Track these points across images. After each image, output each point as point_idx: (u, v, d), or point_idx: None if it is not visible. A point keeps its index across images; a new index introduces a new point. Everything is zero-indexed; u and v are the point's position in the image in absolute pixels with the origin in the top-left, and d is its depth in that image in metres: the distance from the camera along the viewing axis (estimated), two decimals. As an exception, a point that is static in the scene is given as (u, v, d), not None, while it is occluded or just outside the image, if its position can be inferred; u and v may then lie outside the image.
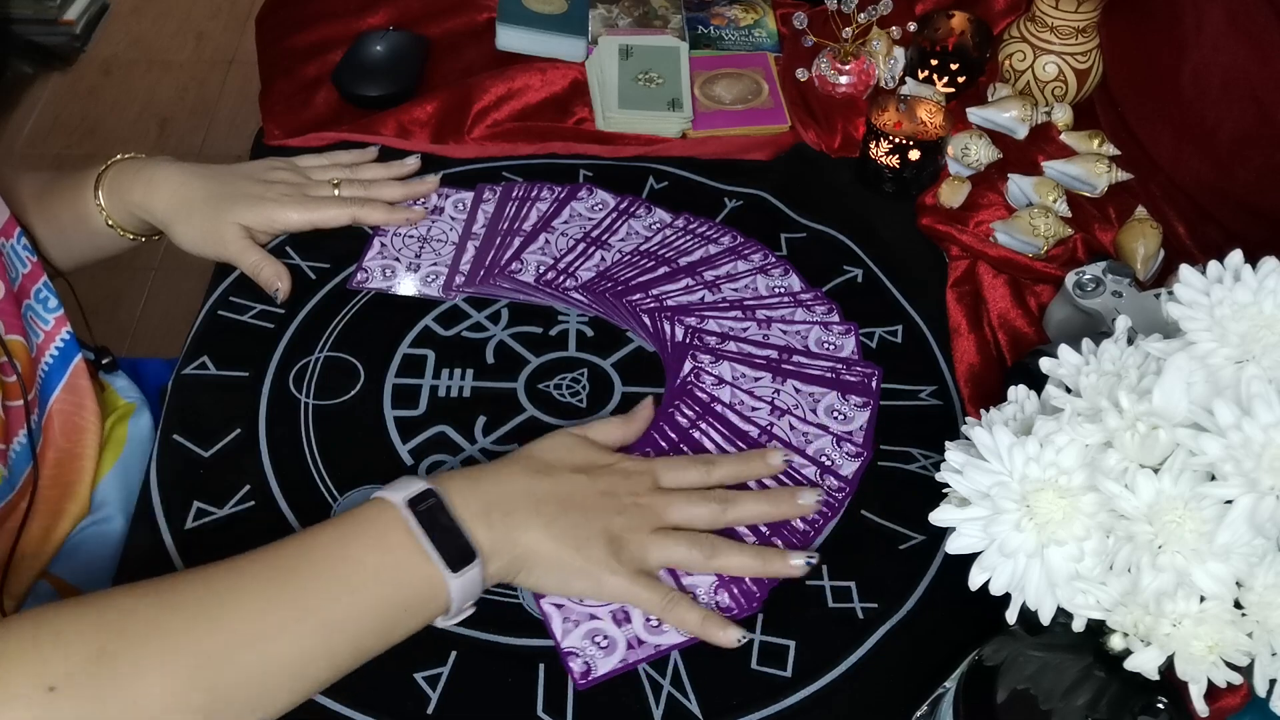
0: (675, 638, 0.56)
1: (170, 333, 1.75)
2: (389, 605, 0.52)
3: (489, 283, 0.74)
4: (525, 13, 0.92)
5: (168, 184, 0.73)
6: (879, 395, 0.68)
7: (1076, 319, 0.70)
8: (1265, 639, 0.40)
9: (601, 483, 0.59)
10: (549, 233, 0.78)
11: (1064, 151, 0.84)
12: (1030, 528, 0.42)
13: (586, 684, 0.55)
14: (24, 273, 0.68)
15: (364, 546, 0.52)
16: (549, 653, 0.56)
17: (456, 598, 0.53)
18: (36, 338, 0.68)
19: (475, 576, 0.53)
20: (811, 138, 0.87)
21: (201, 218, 0.73)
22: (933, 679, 0.54)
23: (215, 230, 0.73)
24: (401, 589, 0.52)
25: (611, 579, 0.56)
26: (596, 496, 0.58)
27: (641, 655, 0.56)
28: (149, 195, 0.73)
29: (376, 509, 0.54)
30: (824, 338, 0.71)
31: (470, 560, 0.53)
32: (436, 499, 0.54)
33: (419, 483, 0.54)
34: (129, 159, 0.75)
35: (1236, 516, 0.39)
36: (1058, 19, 0.84)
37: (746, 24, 0.97)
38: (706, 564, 0.58)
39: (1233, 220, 0.76)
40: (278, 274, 0.73)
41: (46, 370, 0.68)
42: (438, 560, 0.52)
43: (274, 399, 0.67)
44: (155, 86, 2.24)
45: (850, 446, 0.66)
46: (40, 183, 0.76)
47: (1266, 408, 0.39)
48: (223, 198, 0.73)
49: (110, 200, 0.74)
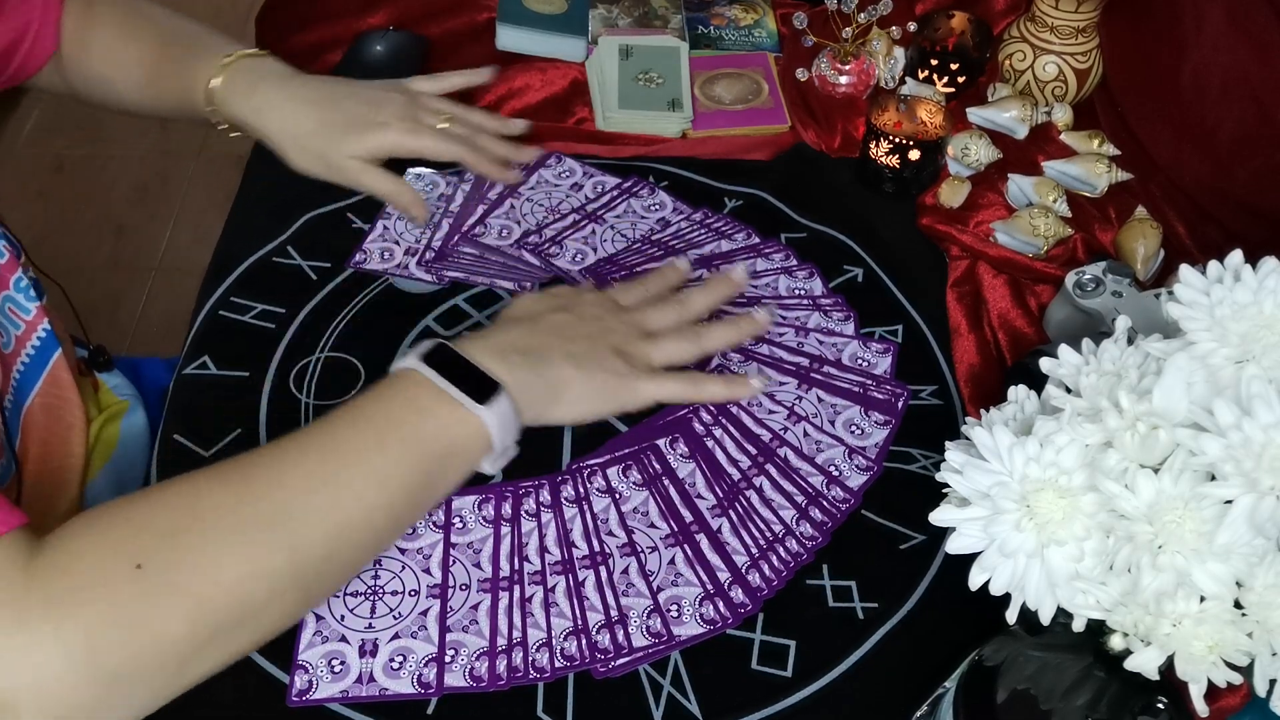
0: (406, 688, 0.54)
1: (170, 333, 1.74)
2: (430, 453, 0.54)
3: (459, 250, 0.76)
4: (525, 13, 0.92)
5: (276, 112, 0.72)
6: (903, 416, 0.68)
7: (1076, 319, 0.70)
8: (1265, 639, 0.40)
9: (583, 311, 0.64)
10: (515, 199, 0.80)
11: (1064, 151, 0.84)
12: (1030, 528, 0.42)
13: (299, 702, 0.54)
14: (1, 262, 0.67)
15: (392, 408, 0.55)
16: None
17: (495, 431, 0.55)
18: (16, 329, 0.67)
19: (507, 409, 0.56)
20: (811, 138, 0.87)
21: (315, 149, 0.72)
22: (933, 679, 0.54)
23: (330, 161, 0.73)
24: (440, 435, 0.54)
25: (641, 383, 0.62)
26: (588, 323, 0.63)
27: (364, 693, 0.54)
28: (259, 120, 0.72)
29: (397, 376, 0.56)
30: (859, 353, 0.71)
31: (494, 390, 0.55)
32: (449, 349, 0.57)
33: (427, 343, 0.57)
34: (233, 64, 0.73)
35: (1236, 516, 0.39)
36: (1058, 19, 0.84)
37: (746, 24, 0.97)
38: (699, 346, 0.65)
39: (1233, 220, 0.76)
40: (414, 201, 0.74)
41: (25, 365, 0.68)
42: (462, 397, 0.55)
43: (274, 399, 0.67)
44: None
45: (862, 460, 0.65)
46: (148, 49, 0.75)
47: (1266, 408, 0.39)
48: (334, 126, 0.72)
49: (220, 113, 0.74)
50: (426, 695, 0.54)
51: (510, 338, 0.60)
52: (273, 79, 0.73)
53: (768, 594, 0.59)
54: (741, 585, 0.59)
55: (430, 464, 0.54)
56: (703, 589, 0.59)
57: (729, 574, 0.59)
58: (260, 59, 0.74)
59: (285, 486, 0.50)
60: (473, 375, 0.56)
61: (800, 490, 0.63)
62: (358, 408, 0.55)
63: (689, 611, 0.58)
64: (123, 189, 2.04)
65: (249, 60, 0.73)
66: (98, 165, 2.07)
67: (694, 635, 0.57)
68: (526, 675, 0.55)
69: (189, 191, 2.05)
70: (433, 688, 0.54)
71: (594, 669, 0.55)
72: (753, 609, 0.58)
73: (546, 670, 0.55)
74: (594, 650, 0.56)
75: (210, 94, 0.73)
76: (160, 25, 0.76)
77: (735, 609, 0.58)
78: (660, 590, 0.58)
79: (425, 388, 0.55)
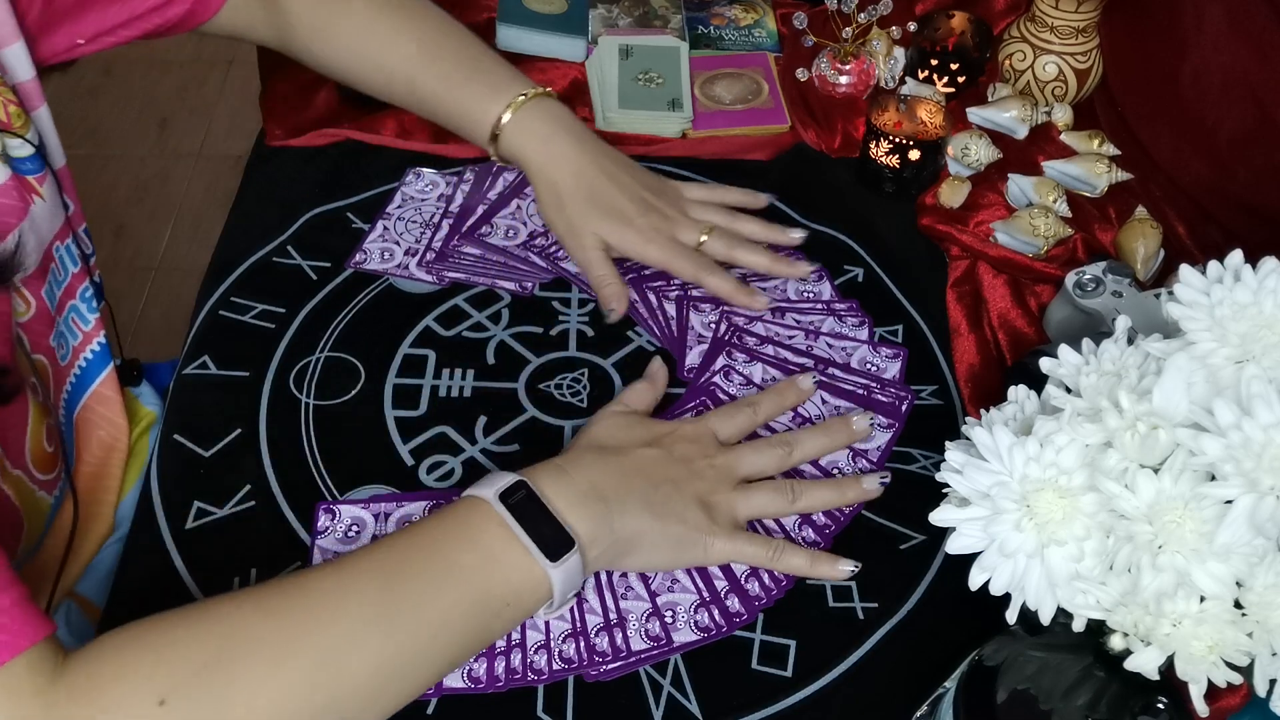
0: None
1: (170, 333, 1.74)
2: (490, 601, 0.52)
3: (460, 250, 0.76)
4: (525, 12, 0.92)
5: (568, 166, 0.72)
6: (906, 419, 0.68)
7: (1076, 319, 0.70)
8: (1265, 639, 0.40)
9: (675, 451, 0.60)
10: (521, 199, 0.80)
11: (1064, 151, 0.84)
12: (1030, 528, 0.42)
13: None
14: (73, 271, 0.66)
15: (460, 546, 0.52)
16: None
17: (559, 588, 0.53)
18: (74, 339, 0.67)
19: (575, 565, 0.53)
20: (811, 138, 0.87)
21: (570, 211, 0.71)
22: (933, 679, 0.54)
23: (576, 229, 0.71)
24: (501, 584, 0.52)
25: (717, 542, 0.57)
26: (676, 465, 0.59)
27: None
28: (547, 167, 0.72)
29: (469, 506, 0.54)
30: (869, 358, 0.71)
31: (569, 547, 0.53)
32: (528, 490, 0.54)
33: (508, 476, 0.54)
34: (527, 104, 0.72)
35: (1236, 516, 0.39)
36: (1058, 19, 0.84)
37: (746, 24, 0.97)
38: (792, 506, 0.61)
39: (1233, 220, 0.76)
40: (617, 295, 0.71)
41: (75, 379, 0.67)
42: (535, 551, 0.52)
43: (274, 399, 0.67)
44: (155, 86, 2.24)
45: (865, 464, 0.65)
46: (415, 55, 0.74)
47: (1266, 408, 0.39)
48: (596, 203, 0.71)
49: (503, 149, 0.73)
50: (424, 697, 0.54)
51: (593, 477, 0.56)
52: (566, 134, 0.72)
53: (766, 603, 0.58)
54: (739, 594, 0.58)
55: (488, 613, 0.52)
56: (698, 596, 0.58)
57: (726, 583, 0.59)
58: (549, 102, 0.73)
59: (334, 623, 0.48)
60: (551, 528, 0.53)
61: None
62: (421, 541, 0.52)
63: (684, 618, 0.57)
64: (123, 189, 2.04)
65: (543, 103, 0.73)
66: (98, 165, 2.07)
67: (689, 642, 0.57)
68: (524, 677, 0.55)
69: (189, 191, 2.05)
70: (431, 689, 0.54)
71: (585, 673, 0.55)
72: (748, 618, 0.58)
73: (544, 672, 0.55)
74: (592, 653, 0.56)
75: (500, 129, 0.72)
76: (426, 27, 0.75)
77: (730, 618, 0.58)
78: (657, 595, 0.58)
79: (497, 530, 0.52)
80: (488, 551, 0.52)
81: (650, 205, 0.72)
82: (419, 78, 0.74)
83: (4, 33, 0.60)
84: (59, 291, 0.65)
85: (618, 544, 0.55)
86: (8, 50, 0.60)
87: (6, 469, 0.57)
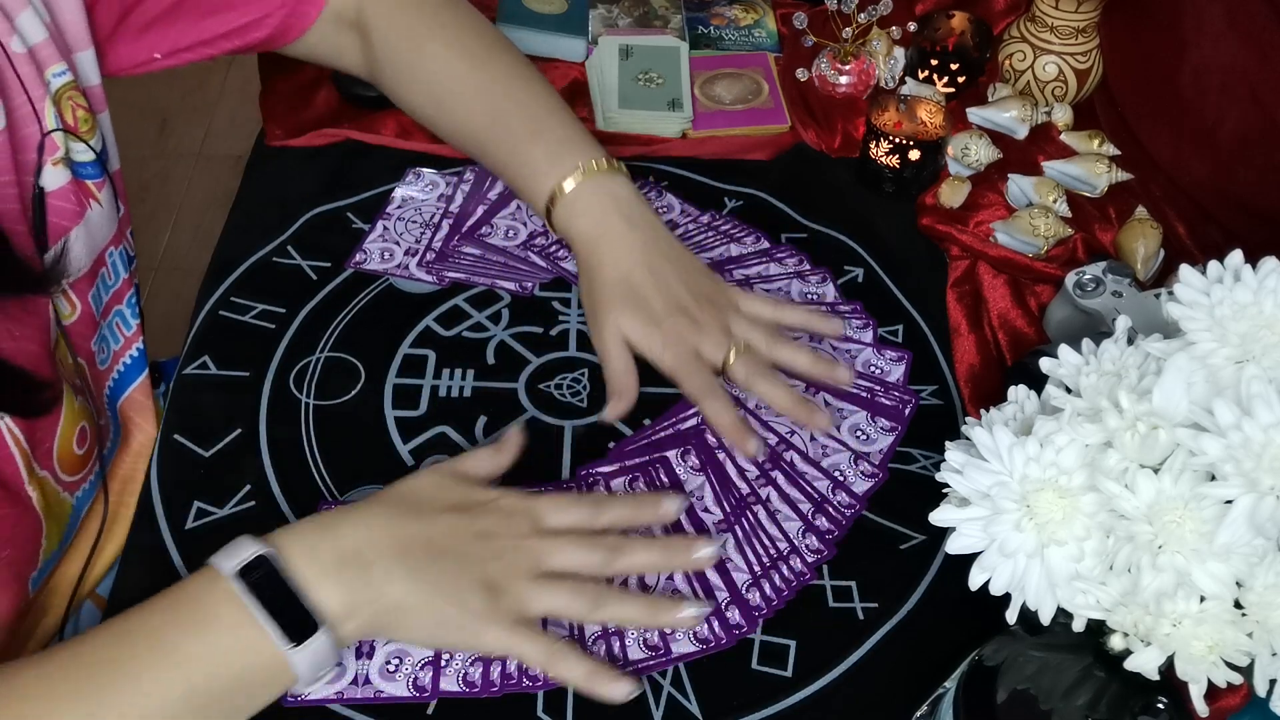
0: (401, 691, 0.54)
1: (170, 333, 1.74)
2: (225, 690, 0.47)
3: (460, 250, 0.76)
4: (525, 13, 0.92)
5: (613, 254, 0.67)
6: (909, 423, 0.67)
7: (1076, 319, 0.70)
8: (1265, 639, 0.40)
9: (479, 523, 0.54)
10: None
11: (1064, 151, 0.84)
12: (1030, 528, 0.42)
13: (294, 703, 0.53)
14: (123, 277, 0.67)
15: (186, 630, 0.47)
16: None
17: (304, 672, 0.49)
18: (115, 344, 0.66)
19: (323, 645, 0.49)
20: (811, 138, 0.87)
21: (598, 297, 0.67)
22: (933, 679, 0.54)
23: (599, 316, 0.67)
24: (238, 671, 0.47)
25: (490, 631, 0.52)
26: (471, 539, 0.54)
27: (359, 694, 0.53)
28: (594, 247, 0.67)
29: (204, 582, 0.49)
30: (873, 360, 0.71)
31: (313, 630, 0.48)
32: (270, 565, 0.49)
33: (254, 545, 0.49)
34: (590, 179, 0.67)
35: (1236, 516, 0.39)
36: (1058, 19, 0.84)
37: (746, 24, 0.97)
38: (590, 615, 0.55)
39: (1233, 220, 0.76)
40: (620, 394, 0.65)
41: (112, 384, 0.67)
42: (275, 635, 0.47)
43: (274, 399, 0.67)
44: (155, 86, 2.24)
45: (867, 466, 0.65)
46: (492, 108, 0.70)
47: (1266, 408, 0.39)
48: (628, 295, 0.66)
49: (556, 222, 0.69)
50: (421, 699, 0.54)
51: (366, 537, 0.51)
52: (619, 218, 0.67)
53: (767, 614, 0.58)
54: (740, 606, 0.58)
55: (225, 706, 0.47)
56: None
57: (727, 594, 0.59)
58: (610, 178, 0.68)
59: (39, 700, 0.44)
60: (294, 608, 0.48)
61: (806, 496, 0.63)
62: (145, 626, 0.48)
63: (683, 630, 0.57)
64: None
65: (602, 180, 0.68)
66: (98, 165, 2.07)
67: (688, 653, 0.56)
68: (520, 683, 0.55)
69: (189, 191, 2.05)
70: (428, 691, 0.54)
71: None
72: (748, 630, 0.57)
73: (540, 679, 0.55)
74: None
75: (554, 204, 0.68)
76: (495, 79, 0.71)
77: (730, 630, 0.57)
78: None
79: (232, 611, 0.47)
80: (222, 637, 0.47)
81: (684, 309, 0.66)
82: (486, 143, 0.71)
83: (78, 37, 0.59)
84: (106, 296, 0.65)
85: (381, 614, 0.51)
86: (81, 55, 0.60)
87: (35, 470, 0.57)
